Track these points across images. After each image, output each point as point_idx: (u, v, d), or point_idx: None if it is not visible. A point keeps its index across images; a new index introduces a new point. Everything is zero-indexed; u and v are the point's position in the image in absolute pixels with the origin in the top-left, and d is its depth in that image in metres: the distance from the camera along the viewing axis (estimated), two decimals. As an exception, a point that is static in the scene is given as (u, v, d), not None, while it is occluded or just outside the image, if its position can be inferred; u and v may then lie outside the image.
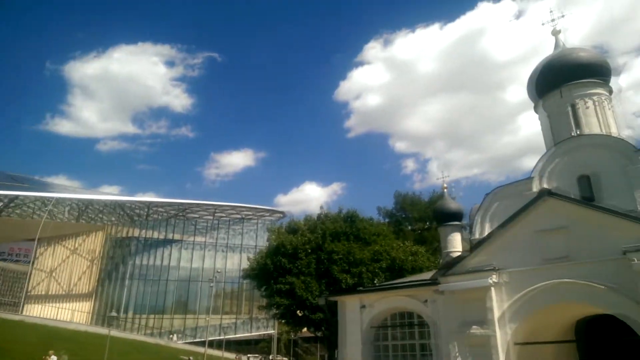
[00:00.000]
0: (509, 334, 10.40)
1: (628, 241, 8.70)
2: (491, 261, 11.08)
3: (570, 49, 23.32)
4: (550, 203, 10.41)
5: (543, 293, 10.13)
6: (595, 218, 9.29)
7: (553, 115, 22.45)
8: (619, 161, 18.03)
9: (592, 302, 9.37)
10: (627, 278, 8.57)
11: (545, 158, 19.77)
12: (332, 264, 29.10)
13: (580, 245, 9.56)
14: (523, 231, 10.88)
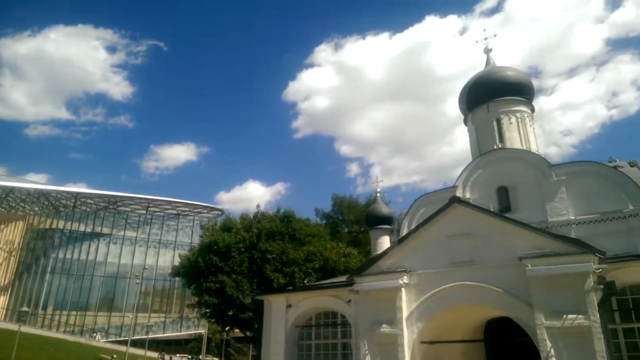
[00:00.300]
0: (415, 333, 10.87)
1: (525, 249, 9.39)
2: (403, 263, 11.54)
3: (499, 67, 24.79)
4: (459, 210, 11.04)
5: (448, 294, 10.69)
6: (497, 226, 9.97)
7: (480, 129, 23.74)
8: (534, 175, 19.44)
9: (491, 304, 10.03)
10: (522, 283, 9.24)
11: (469, 169, 20.90)
12: (265, 263, 28.95)
13: (484, 250, 10.21)
14: (434, 235, 11.44)
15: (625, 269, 13.90)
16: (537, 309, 9.09)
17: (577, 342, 8.60)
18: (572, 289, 8.88)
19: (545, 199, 18.81)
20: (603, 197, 17.74)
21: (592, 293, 8.84)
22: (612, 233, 17.46)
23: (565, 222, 18.20)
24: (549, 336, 8.79)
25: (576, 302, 8.81)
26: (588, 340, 8.50)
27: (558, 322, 8.85)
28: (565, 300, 8.88)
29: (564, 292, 8.92)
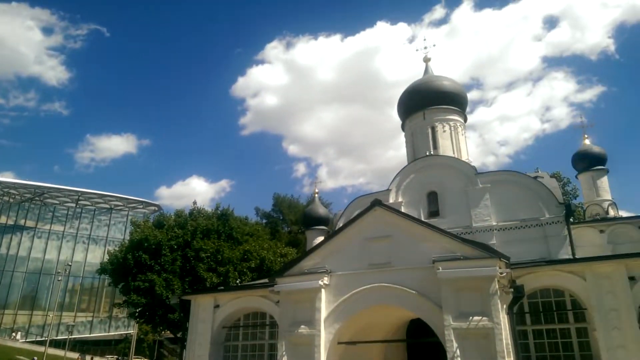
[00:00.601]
0: (332, 334, 10.96)
1: (438, 252, 9.74)
2: (324, 264, 11.61)
3: (436, 77, 25.70)
4: (379, 213, 11.28)
5: (365, 296, 10.88)
6: (415, 230, 10.29)
7: (416, 135, 24.47)
8: (462, 182, 20.29)
9: (405, 306, 10.32)
10: (434, 285, 9.58)
11: (403, 173, 21.47)
12: (198, 262, 28.15)
13: (400, 252, 10.48)
14: (355, 237, 11.61)
15: (535, 273, 14.84)
16: (445, 311, 9.44)
17: (481, 342, 9.01)
18: (479, 291, 9.31)
19: (471, 205, 19.70)
20: (523, 205, 18.84)
21: (496, 296, 9.31)
22: (529, 239, 18.62)
23: (488, 228, 19.15)
24: (455, 337, 9.15)
25: (482, 305, 9.24)
26: (491, 341, 8.92)
27: (464, 324, 9.23)
28: (471, 303, 9.29)
29: (471, 295, 9.34)
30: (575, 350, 14.03)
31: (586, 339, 13.84)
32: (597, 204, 23.09)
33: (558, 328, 14.36)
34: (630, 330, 13.04)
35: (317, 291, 11.30)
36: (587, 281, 13.96)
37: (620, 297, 13.41)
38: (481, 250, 9.51)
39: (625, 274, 13.52)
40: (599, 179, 23.72)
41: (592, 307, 13.78)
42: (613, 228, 20.28)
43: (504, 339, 9.26)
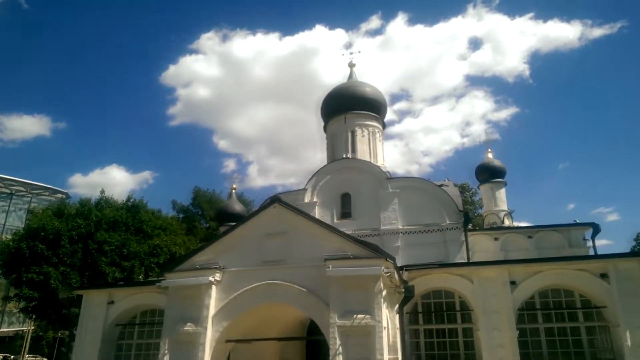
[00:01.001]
0: (219, 332, 10.73)
1: (330, 250, 9.91)
2: (218, 260, 11.35)
3: (358, 82, 26.31)
4: (277, 210, 11.24)
5: (256, 293, 10.77)
6: (310, 228, 10.38)
7: (336, 137, 24.86)
8: (374, 185, 20.94)
9: (293, 303, 10.37)
10: (324, 283, 9.73)
11: (319, 174, 21.72)
12: (101, 256, 26.37)
13: (295, 250, 10.53)
14: (251, 233, 11.47)
15: (429, 275, 15.65)
16: (332, 309, 9.61)
17: (363, 340, 9.28)
18: (364, 290, 9.58)
19: (381, 209, 20.39)
20: (427, 211, 19.84)
21: (380, 294, 9.64)
22: (431, 243, 19.65)
23: (395, 231, 19.93)
24: (339, 334, 9.34)
25: (366, 303, 9.52)
26: (372, 339, 9.22)
27: (348, 321, 9.45)
28: (357, 301, 9.55)
29: (357, 293, 9.59)
30: (460, 349, 14.98)
31: (471, 338, 14.84)
32: (495, 213, 24.96)
33: (447, 328, 15.26)
34: (509, 331, 14.15)
35: (207, 287, 10.97)
36: (474, 284, 14.96)
37: (502, 299, 14.51)
38: (369, 250, 9.79)
39: (508, 278, 14.68)
40: (498, 191, 25.64)
41: (477, 309, 14.78)
42: (506, 236, 21.97)
43: (384, 336, 9.59)
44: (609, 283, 14.05)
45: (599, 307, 14.29)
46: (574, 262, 14.97)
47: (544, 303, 14.73)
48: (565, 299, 14.75)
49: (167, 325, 11.29)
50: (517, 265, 15.19)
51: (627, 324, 13.55)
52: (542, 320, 14.58)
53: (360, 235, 19.96)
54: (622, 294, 13.83)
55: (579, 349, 14.26)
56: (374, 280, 9.54)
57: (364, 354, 9.16)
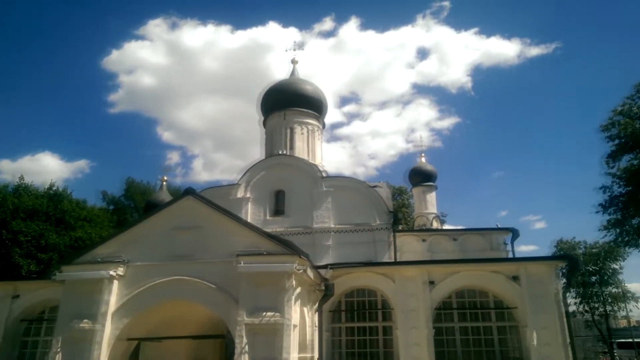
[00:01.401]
0: (120, 329, 10.16)
1: (243, 246, 9.66)
2: (122, 252, 10.73)
3: (300, 80, 26.19)
4: (190, 202, 10.79)
5: (161, 289, 10.28)
6: (223, 222, 10.06)
7: (275, 133, 24.57)
8: (308, 184, 20.86)
9: (201, 300, 10.02)
10: (235, 279, 9.47)
11: (254, 169, 21.33)
12: (15, 246, 24.43)
13: (206, 245, 10.16)
14: (162, 226, 10.94)
15: (354, 274, 15.79)
16: (242, 306, 9.37)
17: (270, 338, 9.11)
18: (275, 287, 9.42)
19: (314, 207, 20.36)
20: (358, 210, 20.04)
21: (290, 292, 9.52)
22: (361, 242, 19.86)
23: (326, 229, 19.96)
24: (246, 332, 9.12)
25: (277, 300, 9.36)
26: (279, 337, 9.08)
27: (257, 319, 9.25)
28: (268, 298, 9.36)
29: (268, 290, 9.41)
30: (380, 347, 15.22)
31: (391, 337, 15.12)
32: (424, 215, 25.77)
33: (368, 326, 15.46)
34: (425, 330, 14.54)
35: (108, 282, 10.28)
36: (395, 283, 15.26)
37: (420, 299, 14.89)
38: (283, 246, 9.63)
39: (427, 278, 15.10)
40: (428, 194, 26.49)
41: (397, 308, 15.07)
42: (433, 238, 22.69)
43: (293, 335, 9.49)
44: (520, 285, 14.81)
45: (510, 307, 15.02)
46: (488, 264, 15.66)
47: (460, 303, 15.29)
48: (479, 299, 15.39)
49: (61, 321, 10.47)
50: (436, 265, 15.67)
51: (534, 325, 14.34)
52: (457, 319, 15.12)
53: (292, 233, 19.89)
54: (531, 296, 14.62)
55: (491, 347, 14.93)
56: (285, 277, 9.38)
57: (270, 353, 8.98)
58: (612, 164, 27.46)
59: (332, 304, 15.62)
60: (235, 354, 8.94)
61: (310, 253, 18.47)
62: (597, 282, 42.52)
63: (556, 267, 14.57)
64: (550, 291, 14.47)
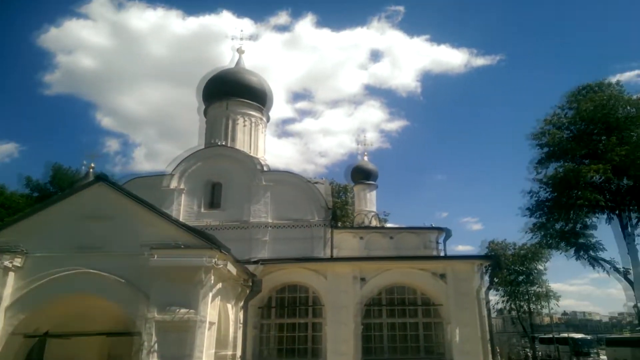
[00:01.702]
0: (14, 325, 9.31)
1: (158, 238, 9.14)
2: (20, 242, 9.82)
3: (245, 70, 25.54)
4: (101, 189, 10.05)
5: (64, 282, 9.49)
6: (138, 212, 9.46)
7: (215, 123, 23.77)
8: (247, 177, 20.34)
9: (107, 295, 9.38)
10: (147, 274, 8.95)
11: (189, 159, 20.51)
12: None
13: (118, 236, 9.53)
14: (68, 214, 10.12)
15: (286, 270, 15.63)
16: (153, 302, 8.87)
17: (182, 336, 8.70)
18: (190, 282, 8.99)
19: (252, 201, 19.89)
20: (297, 206, 19.79)
21: (207, 287, 9.14)
22: (298, 238, 19.59)
23: (264, 224, 19.57)
24: (156, 330, 8.65)
25: (190, 297, 8.94)
26: (193, 334, 8.68)
27: (169, 316, 8.80)
28: (181, 294, 8.92)
29: (182, 286, 8.97)
30: (309, 343, 15.15)
31: (320, 333, 15.08)
32: (363, 213, 26.04)
33: (298, 322, 15.34)
34: (353, 326, 14.65)
35: (3, 274, 9.32)
36: (327, 280, 15.26)
37: (351, 295, 14.98)
38: (202, 240, 9.20)
39: (358, 275, 15.20)
40: (368, 192, 26.80)
41: (328, 304, 15.08)
42: (370, 236, 22.89)
43: (209, 332, 9.12)
44: (446, 283, 15.28)
45: (436, 305, 15.46)
46: (418, 261, 16.01)
47: (389, 299, 15.54)
48: (408, 296, 15.72)
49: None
50: (367, 262, 15.81)
51: (457, 321, 14.85)
52: (386, 315, 15.35)
53: (227, 227, 19.32)
54: (456, 293, 15.13)
55: (416, 343, 15.29)
56: (201, 272, 8.96)
57: (181, 351, 8.56)
58: (540, 170, 29.29)
59: (262, 300, 15.36)
60: (142, 352, 8.42)
61: (246, 248, 18.31)
62: (524, 282, 45.18)
63: (480, 265, 15.14)
64: (473, 289, 15.02)
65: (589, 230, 28.68)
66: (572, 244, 28.57)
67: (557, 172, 27.43)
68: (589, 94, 27.79)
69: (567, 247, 29.06)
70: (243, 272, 11.69)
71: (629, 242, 27.96)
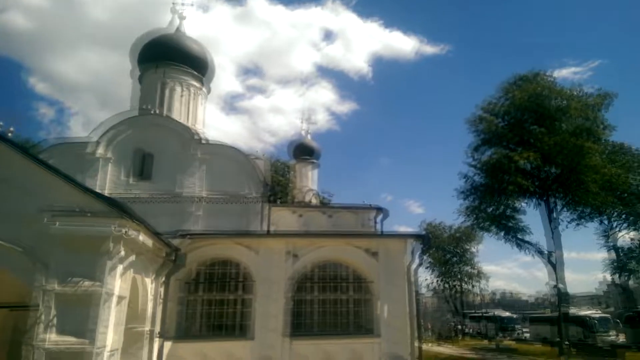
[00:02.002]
0: None
1: (60, 203, 8.32)
2: None
3: (185, 36, 24.21)
4: None
5: None
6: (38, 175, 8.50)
7: (150, 89, 22.43)
8: (182, 148, 19.37)
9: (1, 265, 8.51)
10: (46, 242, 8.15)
11: (118, 126, 19.20)
12: None
13: (14, 201, 8.51)
14: None
15: (216, 245, 15.11)
16: (52, 273, 8.12)
17: (85, 309, 8.04)
18: (96, 252, 8.30)
19: (186, 173, 19.01)
20: (233, 180, 19.14)
21: (115, 259, 8.49)
22: (233, 213, 19.00)
23: (197, 198, 18.79)
24: (56, 302, 7.93)
25: (95, 267, 8.27)
26: (96, 308, 8.06)
27: (70, 288, 8.11)
28: (85, 265, 8.23)
29: (87, 256, 8.26)
30: (237, 319, 14.80)
31: (249, 309, 14.76)
32: (303, 190, 25.87)
33: (228, 298, 14.92)
34: (283, 302, 14.47)
35: None
36: (259, 255, 14.90)
37: (282, 271, 14.74)
38: (112, 207, 8.47)
39: (291, 250, 14.98)
40: (309, 170, 26.59)
41: (259, 280, 14.76)
42: (309, 214, 22.80)
43: (115, 306, 8.51)
44: (378, 260, 15.41)
45: (367, 281, 15.58)
46: (351, 239, 16.02)
47: (321, 276, 15.46)
48: (340, 272, 15.71)
49: None
50: (300, 238, 15.62)
51: (387, 298, 15.06)
52: (317, 292, 15.27)
53: (158, 199, 18.38)
54: (386, 271, 15.31)
55: (346, 319, 15.38)
56: (109, 242, 8.28)
57: (84, 325, 7.91)
58: (475, 156, 30.36)
59: (190, 275, 14.80)
60: (39, 327, 7.68)
61: (178, 222, 17.50)
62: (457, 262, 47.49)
63: (410, 244, 15.37)
64: (404, 266, 15.26)
65: (517, 214, 30.25)
66: (501, 227, 30.03)
67: (490, 158, 28.52)
68: (524, 83, 28.89)
69: (497, 230, 30.53)
70: (163, 244, 11.04)
71: (554, 227, 29.82)
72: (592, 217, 31.44)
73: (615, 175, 26.84)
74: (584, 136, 26.76)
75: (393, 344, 14.60)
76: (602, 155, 27.89)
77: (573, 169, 27.01)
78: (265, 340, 14.06)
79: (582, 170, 26.57)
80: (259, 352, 13.99)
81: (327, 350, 14.53)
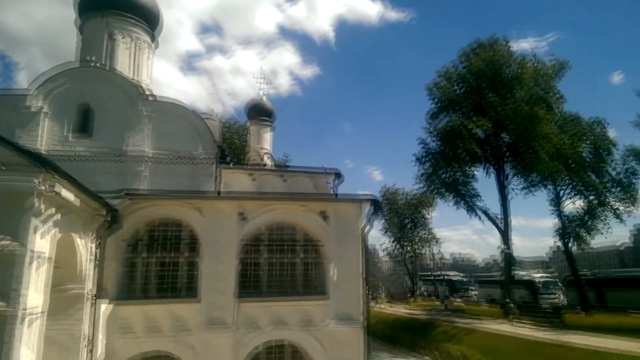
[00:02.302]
0: None
1: None
2: None
3: (129, -16, 22.34)
4: None
5: None
6: None
7: (93, 40, 20.73)
8: (126, 103, 18.11)
9: None
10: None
11: (56, 78, 17.68)
12: None
13: None
14: None
15: (161, 205, 14.48)
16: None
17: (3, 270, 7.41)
18: (14, 210, 7.59)
19: (131, 130, 17.88)
20: (182, 139, 18.18)
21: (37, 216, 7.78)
22: (182, 173, 18.13)
23: (142, 157, 17.79)
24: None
25: (13, 225, 7.57)
26: (18, 269, 7.43)
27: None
28: (2, 223, 7.51)
29: (4, 213, 7.53)
30: (183, 282, 14.39)
31: (196, 271, 14.34)
32: (257, 152, 25.21)
33: (171, 260, 14.41)
34: (231, 264, 14.15)
35: None
36: (205, 216, 14.39)
37: (230, 233, 14.34)
38: (31, 160, 7.65)
39: (238, 211, 14.55)
40: (264, 132, 25.86)
41: (206, 241, 14.32)
42: (264, 177, 22.19)
43: (37, 267, 7.87)
44: (328, 223, 15.26)
45: (318, 244, 15.44)
46: (302, 201, 15.74)
47: (271, 237, 15.18)
48: (291, 235, 15.48)
49: None
50: (249, 200, 15.20)
51: (337, 261, 15.03)
52: (266, 254, 15.01)
53: (99, 157, 17.24)
54: (337, 233, 15.22)
55: (297, 282, 15.28)
56: (28, 198, 7.55)
57: (6, 286, 7.28)
58: (433, 123, 30.55)
59: (134, 235, 14.14)
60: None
61: (122, 181, 16.55)
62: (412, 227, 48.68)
63: (361, 207, 15.28)
64: (355, 229, 15.22)
65: (469, 180, 30.96)
66: (455, 193, 30.71)
67: (446, 125, 28.75)
68: (481, 50, 28.92)
69: (450, 195, 31.21)
70: (96, 203, 10.30)
71: (505, 194, 30.76)
72: (542, 184, 32.61)
73: (567, 144, 27.71)
74: (538, 104, 27.30)
75: (344, 305, 14.70)
76: (555, 124, 28.66)
77: (525, 137, 27.67)
78: (213, 302, 13.79)
79: (534, 138, 27.24)
80: (207, 314, 13.74)
81: (277, 312, 14.45)
